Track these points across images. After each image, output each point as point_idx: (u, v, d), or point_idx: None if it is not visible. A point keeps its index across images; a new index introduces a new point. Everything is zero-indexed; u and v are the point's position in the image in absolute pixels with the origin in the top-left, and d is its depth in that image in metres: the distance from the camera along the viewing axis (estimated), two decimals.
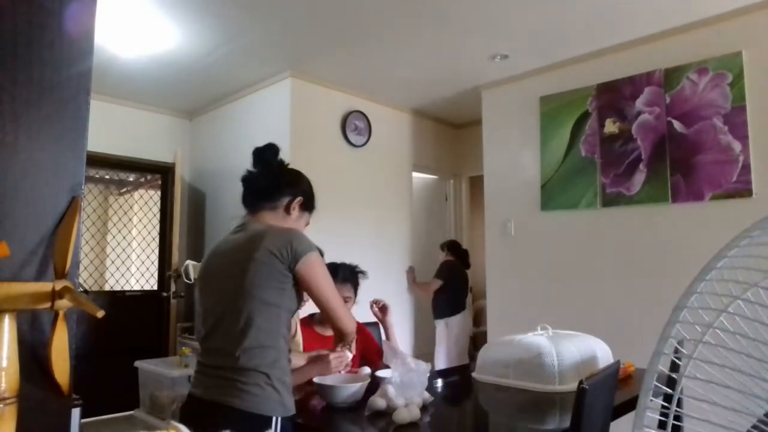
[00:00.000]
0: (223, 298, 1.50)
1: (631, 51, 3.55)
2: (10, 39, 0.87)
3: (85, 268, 4.55)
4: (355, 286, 2.43)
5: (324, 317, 1.60)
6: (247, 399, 1.38)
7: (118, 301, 4.58)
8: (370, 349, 2.45)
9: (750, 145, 3.02)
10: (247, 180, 1.70)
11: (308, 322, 2.39)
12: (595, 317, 3.54)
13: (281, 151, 1.70)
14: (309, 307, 1.90)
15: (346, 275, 2.39)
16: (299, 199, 1.68)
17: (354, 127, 4.51)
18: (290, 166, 1.74)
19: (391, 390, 1.60)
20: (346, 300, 2.29)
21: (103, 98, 4.53)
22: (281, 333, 1.48)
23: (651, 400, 0.83)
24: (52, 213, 0.89)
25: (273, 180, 1.67)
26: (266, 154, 1.71)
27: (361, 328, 2.24)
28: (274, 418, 1.39)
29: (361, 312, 2.29)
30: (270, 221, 1.62)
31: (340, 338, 1.65)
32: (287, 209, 1.66)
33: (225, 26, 3.37)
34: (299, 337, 2.24)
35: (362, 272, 2.47)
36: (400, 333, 4.76)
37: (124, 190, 5.37)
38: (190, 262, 4.16)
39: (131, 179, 5.24)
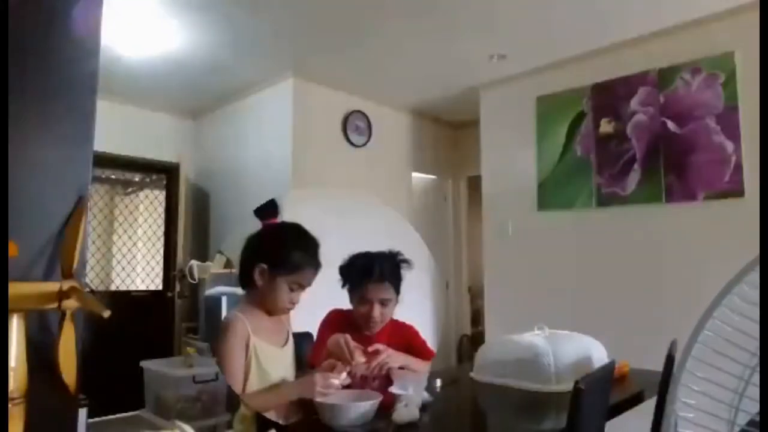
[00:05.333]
0: None
1: (626, 51, 3.57)
2: (18, 40, 0.86)
3: (92, 268, 4.57)
4: (397, 282, 1.80)
5: None
6: None
7: (124, 301, 4.60)
8: (415, 347, 1.92)
9: (742, 145, 3.04)
10: None
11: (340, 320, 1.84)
12: (591, 317, 3.55)
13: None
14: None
15: (385, 271, 1.75)
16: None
17: (355, 127, 4.55)
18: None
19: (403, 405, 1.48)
20: (384, 303, 1.76)
21: (108, 98, 4.57)
22: None
23: None
24: (59, 213, 0.89)
25: None
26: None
27: (399, 325, 1.91)
28: None
29: (403, 313, 1.86)
30: None
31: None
32: None
33: (228, 27, 3.41)
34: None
35: (406, 261, 1.82)
36: None
37: (130, 190, 5.39)
38: (194, 262, 4.18)
39: (137, 179, 5.25)
